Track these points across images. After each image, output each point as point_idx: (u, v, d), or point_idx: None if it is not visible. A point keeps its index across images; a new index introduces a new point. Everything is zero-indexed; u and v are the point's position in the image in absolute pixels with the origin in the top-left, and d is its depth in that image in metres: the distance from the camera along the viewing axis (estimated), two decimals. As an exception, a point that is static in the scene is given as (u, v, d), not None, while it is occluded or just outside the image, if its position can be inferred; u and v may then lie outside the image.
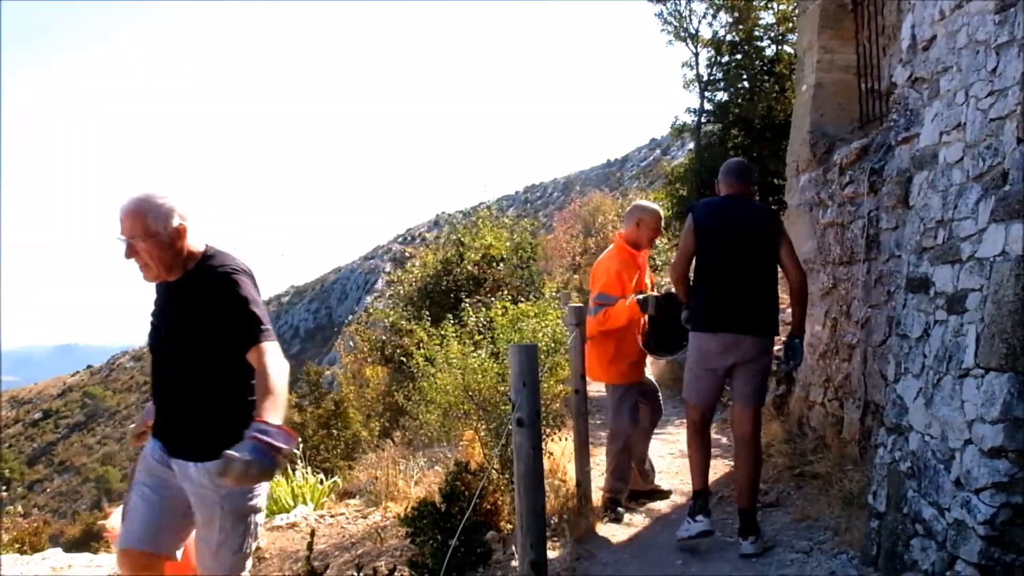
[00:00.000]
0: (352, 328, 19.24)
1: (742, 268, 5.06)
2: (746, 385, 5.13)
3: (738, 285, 5.07)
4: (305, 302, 72.31)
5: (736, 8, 13.50)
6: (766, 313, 5.11)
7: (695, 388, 5.29)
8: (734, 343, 5.07)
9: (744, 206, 5.21)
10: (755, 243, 5.07)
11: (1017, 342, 3.40)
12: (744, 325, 5.06)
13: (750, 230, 5.09)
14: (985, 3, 4.04)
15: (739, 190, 5.27)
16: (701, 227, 5.18)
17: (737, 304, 5.06)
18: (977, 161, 3.92)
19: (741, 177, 5.31)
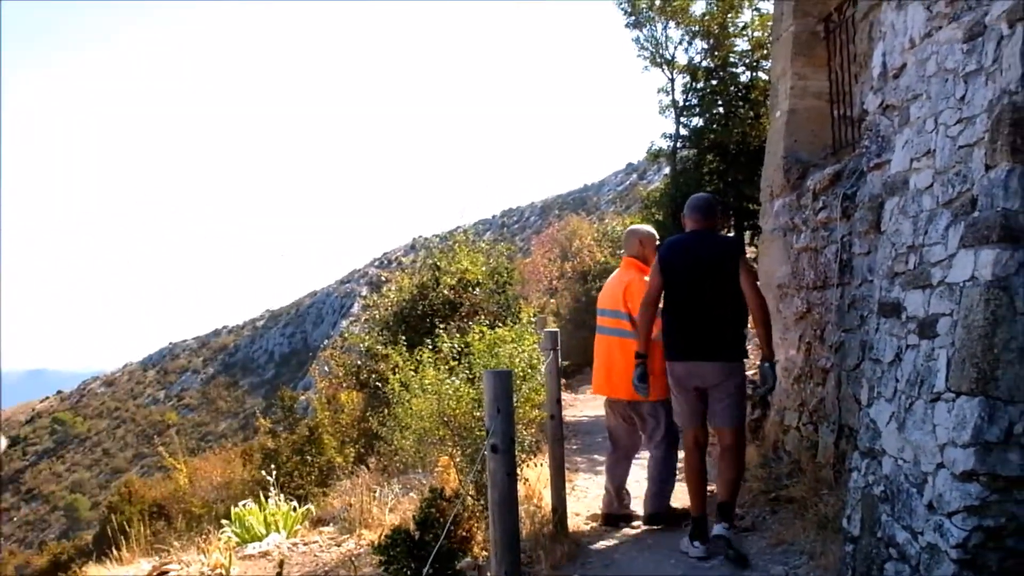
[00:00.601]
0: (327, 353, 19.13)
1: (704, 299, 5.37)
2: (719, 407, 5.44)
3: (701, 315, 5.38)
4: (280, 326, 71.88)
5: (712, 35, 13.62)
6: (728, 340, 5.40)
7: (679, 412, 5.64)
8: (698, 369, 5.41)
9: (707, 240, 5.52)
10: (717, 275, 5.37)
11: (987, 366, 3.43)
12: (707, 352, 5.38)
13: (712, 263, 5.40)
14: (954, 32, 4.10)
15: (703, 225, 5.59)
16: (666, 263, 5.54)
17: (700, 333, 5.38)
18: (947, 187, 3.97)
19: (704, 213, 5.61)
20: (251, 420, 36.84)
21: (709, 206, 5.65)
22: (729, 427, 5.44)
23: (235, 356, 71.29)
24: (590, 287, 17.26)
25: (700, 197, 5.80)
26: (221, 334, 77.25)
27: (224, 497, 11.69)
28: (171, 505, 13.10)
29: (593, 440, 9.95)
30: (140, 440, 59.18)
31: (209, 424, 60.00)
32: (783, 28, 7.89)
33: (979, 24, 3.88)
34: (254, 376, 66.66)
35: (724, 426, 5.45)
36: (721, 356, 5.38)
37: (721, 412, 5.44)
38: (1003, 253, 3.44)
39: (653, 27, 14.33)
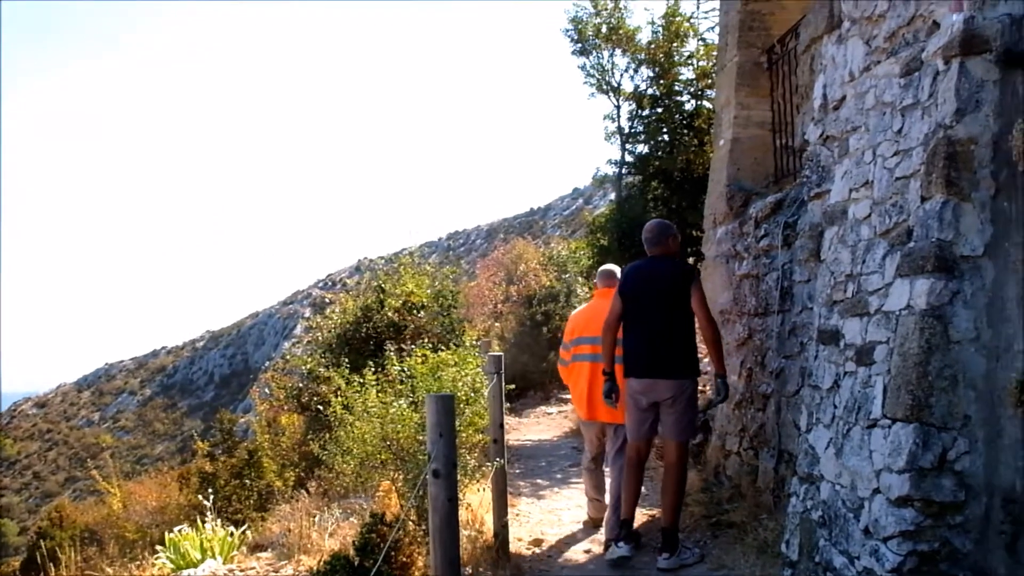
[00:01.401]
0: (268, 375, 18.88)
1: (656, 321, 5.70)
2: (670, 421, 5.76)
3: (653, 336, 5.71)
4: (220, 347, 70.78)
5: (657, 63, 13.78)
6: (679, 359, 5.71)
7: (630, 425, 5.95)
8: (652, 386, 5.73)
9: (660, 266, 5.84)
10: (670, 299, 5.68)
11: (922, 393, 3.49)
12: (659, 370, 5.70)
13: (662, 287, 5.72)
14: (892, 67, 4.21)
15: (657, 252, 5.92)
16: (624, 289, 5.92)
17: (652, 352, 5.71)
18: (884, 218, 4.06)
19: (653, 240, 5.95)
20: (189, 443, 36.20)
21: (660, 233, 5.95)
22: (675, 439, 5.75)
23: (174, 377, 69.96)
24: (535, 311, 17.27)
25: (651, 225, 6.07)
26: (160, 354, 75.78)
27: (159, 522, 11.41)
28: (104, 530, 12.76)
29: (536, 464, 9.94)
30: (73, 463, 57.64)
31: (145, 447, 58.69)
32: (727, 58, 8.02)
33: (916, 59, 3.98)
34: (193, 398, 65.44)
35: (671, 438, 5.77)
36: (675, 373, 5.69)
37: (671, 425, 5.75)
38: (937, 283, 3.52)
39: (600, 55, 14.47)
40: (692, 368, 5.76)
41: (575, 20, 14.41)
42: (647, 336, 5.73)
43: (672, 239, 5.95)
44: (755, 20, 7.73)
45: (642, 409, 5.82)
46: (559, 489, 8.46)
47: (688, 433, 5.83)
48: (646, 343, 5.73)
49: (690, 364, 5.75)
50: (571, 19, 14.45)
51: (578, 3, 14.54)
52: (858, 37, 4.79)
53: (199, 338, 76.49)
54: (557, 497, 8.12)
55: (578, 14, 14.40)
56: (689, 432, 5.85)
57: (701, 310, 5.63)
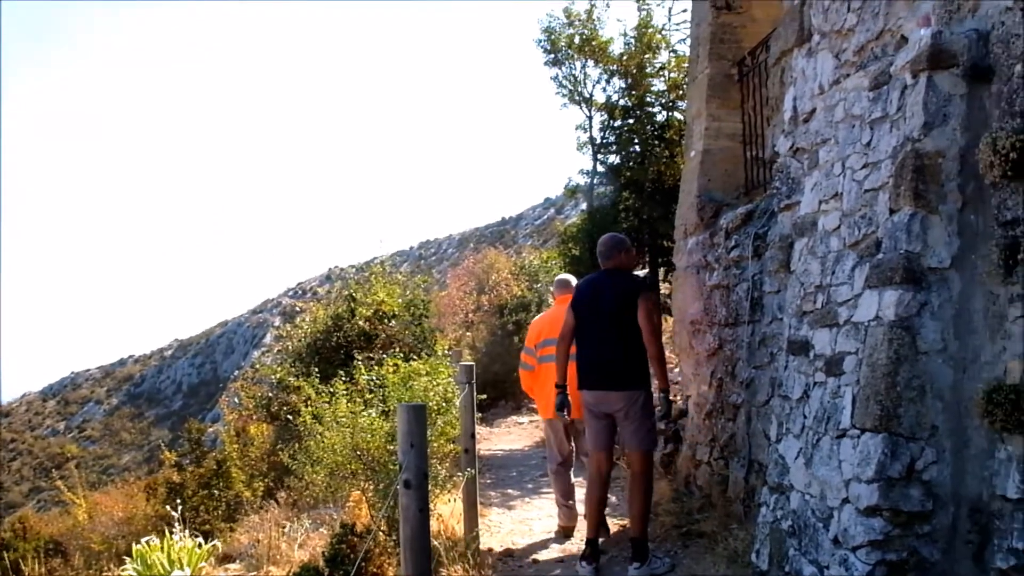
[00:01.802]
0: (237, 384, 18.74)
1: (606, 334, 5.75)
2: (628, 432, 5.76)
3: (603, 349, 5.77)
4: (189, 356, 70.15)
5: (629, 75, 13.86)
6: (628, 371, 5.72)
7: (589, 436, 6.00)
8: (604, 397, 5.77)
9: (612, 279, 5.87)
10: (617, 312, 5.72)
11: (890, 404, 3.53)
12: (608, 382, 5.75)
13: (612, 301, 5.74)
14: (860, 80, 4.26)
15: (611, 265, 5.95)
16: (576, 302, 5.99)
17: (602, 365, 5.77)
18: (853, 230, 4.09)
19: (606, 255, 5.98)
20: (156, 453, 35.75)
21: (612, 247, 5.98)
22: (637, 450, 5.74)
23: (141, 386, 69.21)
24: (506, 320, 17.27)
25: (604, 239, 6.10)
26: (127, 363, 74.95)
27: (126, 533, 11.27)
28: (69, 542, 12.57)
29: (507, 474, 9.92)
30: (37, 473, 56.76)
31: (112, 457, 57.96)
32: (698, 70, 8.08)
33: (884, 73, 4.03)
34: (160, 407, 64.75)
35: (633, 449, 5.76)
36: (624, 385, 5.71)
37: (630, 436, 5.76)
38: (906, 294, 3.56)
39: (572, 65, 14.54)
40: (642, 379, 5.77)
41: (548, 31, 14.47)
42: (597, 349, 5.79)
43: (625, 253, 5.98)
44: (726, 33, 7.79)
45: (598, 419, 5.86)
46: (530, 499, 8.45)
47: (649, 442, 5.83)
48: (596, 356, 5.79)
49: (640, 375, 5.76)
50: (544, 30, 14.52)
51: (551, 14, 14.62)
52: (828, 50, 4.85)
53: (167, 347, 75.76)
54: (528, 507, 8.11)
55: (551, 25, 14.48)
56: (650, 441, 5.84)
57: (646, 323, 5.66)
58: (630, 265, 6.04)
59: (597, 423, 5.87)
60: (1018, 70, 3.30)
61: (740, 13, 7.80)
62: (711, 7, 7.82)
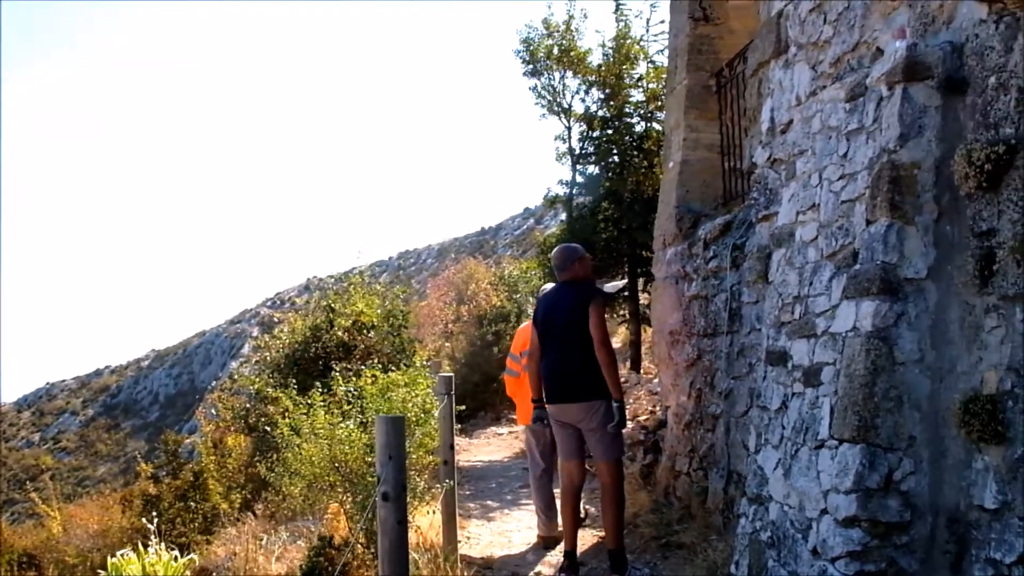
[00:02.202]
0: (215, 395, 18.61)
1: (560, 346, 5.80)
2: (594, 442, 5.79)
3: (559, 361, 5.82)
4: (166, 367, 69.61)
5: (608, 85, 13.89)
6: (585, 382, 5.70)
7: (559, 447, 6.08)
8: (565, 410, 5.83)
9: (564, 292, 5.92)
10: (570, 323, 5.74)
11: (868, 414, 3.54)
12: (566, 395, 5.79)
13: (564, 312, 5.80)
14: (837, 92, 4.28)
15: (566, 277, 5.99)
16: (534, 318, 6.13)
17: (559, 377, 5.81)
18: (830, 240, 4.11)
19: (559, 267, 6.03)
20: (132, 464, 35.42)
21: (565, 259, 6.01)
22: (605, 460, 5.77)
23: (117, 397, 68.60)
24: (486, 331, 17.26)
25: (557, 251, 6.16)
26: (103, 374, 74.30)
27: (101, 546, 11.16)
28: (43, 555, 12.44)
29: (487, 485, 9.89)
30: (11, 486, 56.01)
31: (87, 468, 57.37)
32: (676, 81, 8.11)
33: (860, 85, 4.05)
34: (137, 418, 64.18)
35: (601, 460, 5.81)
36: (582, 396, 5.72)
37: (595, 446, 5.79)
38: (883, 305, 3.58)
39: (551, 76, 14.54)
40: (601, 389, 5.71)
41: (527, 41, 14.47)
42: (555, 361, 5.84)
43: (578, 263, 5.98)
44: (704, 44, 7.83)
45: (563, 428, 5.92)
46: (509, 511, 8.42)
47: (616, 451, 5.84)
48: (555, 368, 5.84)
49: (597, 385, 5.71)
50: (523, 40, 14.51)
51: (530, 25, 14.62)
52: (804, 62, 4.87)
53: (144, 357, 75.19)
54: (507, 519, 8.08)
55: (530, 35, 14.47)
56: (616, 450, 5.84)
57: (596, 332, 5.65)
58: (585, 275, 6.00)
59: (563, 432, 5.93)
60: (992, 82, 3.33)
61: (718, 25, 7.85)
62: (689, 18, 7.86)
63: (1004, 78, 3.27)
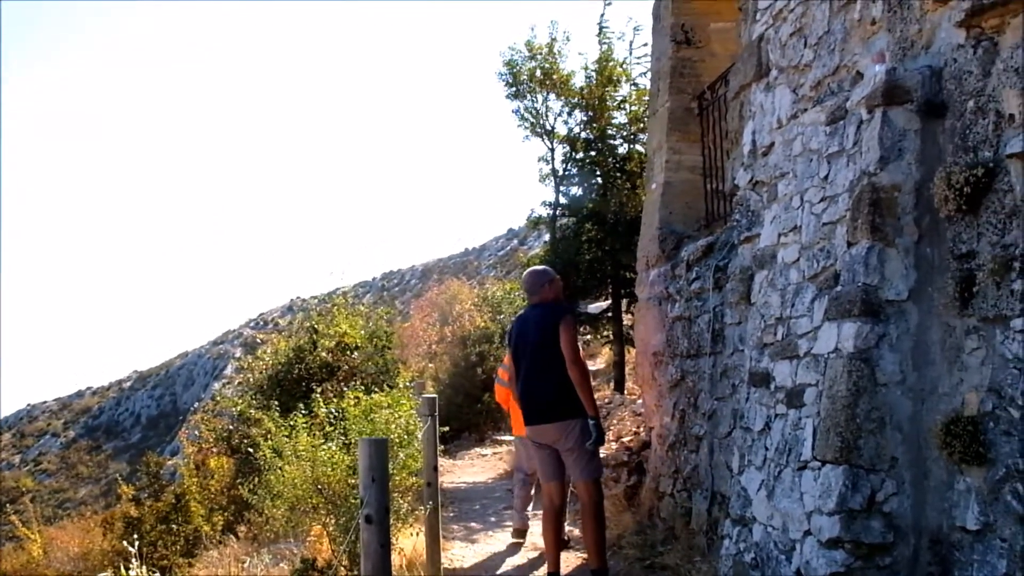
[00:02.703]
0: (198, 417, 18.50)
1: (533, 367, 5.79)
2: (571, 462, 5.74)
3: (533, 382, 5.81)
4: (148, 388, 69.12)
5: (591, 107, 13.96)
6: (558, 402, 5.68)
7: (539, 468, 6.04)
8: (541, 431, 5.80)
9: (536, 313, 5.93)
10: (541, 343, 5.74)
11: (850, 436, 3.55)
12: (541, 415, 5.76)
13: (535, 333, 5.80)
14: (818, 115, 4.32)
15: (536, 300, 6.00)
16: (509, 339, 6.14)
17: (532, 398, 5.81)
18: (812, 262, 4.14)
19: (530, 290, 6.05)
20: (114, 486, 35.13)
21: (534, 282, 6.03)
22: (583, 480, 5.70)
23: (99, 419, 68.02)
24: (469, 352, 17.24)
25: (527, 275, 6.18)
26: (84, 395, 73.70)
27: (82, 569, 11.05)
28: (23, 578, 12.29)
29: (470, 507, 9.85)
30: (-10, 508, 55.45)
31: (68, 490, 56.77)
32: (659, 104, 8.16)
33: (841, 108, 4.09)
34: (119, 440, 63.63)
35: (579, 479, 5.75)
36: (556, 417, 5.68)
37: (573, 466, 5.74)
38: (864, 326, 3.59)
39: (534, 98, 14.61)
40: (574, 409, 5.68)
41: (510, 64, 14.54)
42: (529, 383, 5.84)
43: (548, 285, 5.97)
44: (686, 67, 7.88)
45: (541, 448, 5.89)
46: (493, 532, 8.38)
47: (594, 470, 5.77)
48: (529, 390, 5.84)
49: (571, 405, 5.68)
50: (506, 63, 14.58)
51: (513, 47, 14.69)
52: (785, 85, 4.92)
53: (126, 378, 74.67)
54: (491, 540, 8.04)
55: (513, 58, 14.54)
56: (593, 469, 5.77)
57: (567, 350, 5.63)
58: (556, 297, 5.97)
59: (541, 453, 5.90)
60: (971, 106, 3.37)
61: (699, 48, 7.91)
62: (671, 42, 7.92)
63: (982, 102, 3.31)
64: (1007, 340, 3.06)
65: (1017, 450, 2.98)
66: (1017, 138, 3.07)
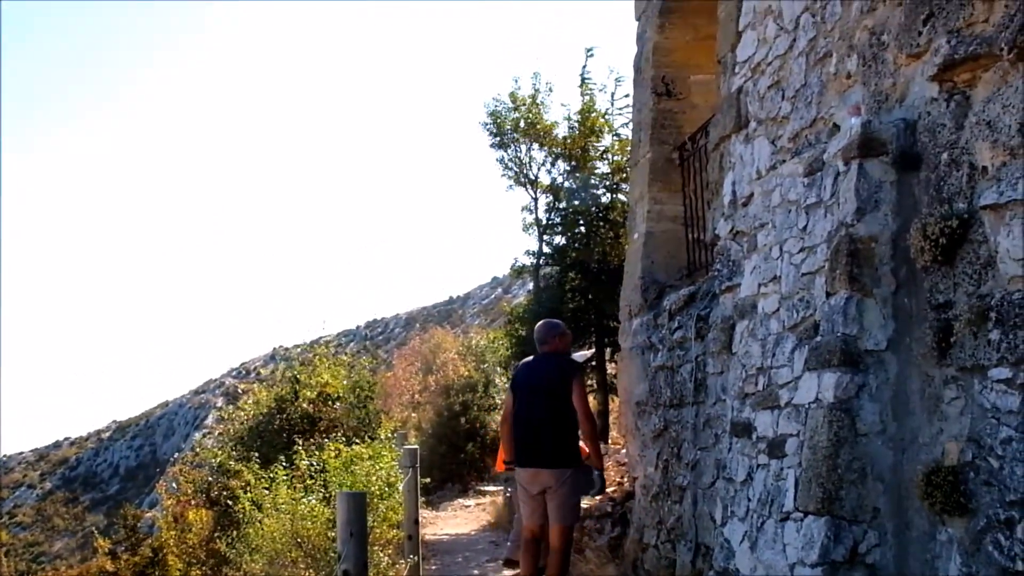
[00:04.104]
0: (176, 468, 18.29)
1: (537, 414, 5.98)
2: (553, 506, 5.94)
3: (535, 427, 5.98)
4: (128, 438, 68.34)
5: (574, 157, 14.09)
6: (559, 450, 5.93)
7: (524, 511, 6.26)
8: (536, 475, 5.98)
9: (545, 362, 6.17)
10: (551, 393, 5.97)
11: (832, 487, 3.53)
12: (540, 460, 5.95)
13: (544, 382, 6.03)
14: (796, 167, 4.37)
15: (544, 350, 6.26)
16: (512, 383, 6.33)
17: (534, 443, 5.98)
18: (792, 312, 4.16)
19: (541, 340, 6.29)
20: (90, 540, 34.57)
21: (547, 333, 6.29)
22: (559, 524, 5.93)
23: (76, 470, 67.12)
24: (453, 401, 17.14)
25: (540, 326, 6.41)
26: (62, 446, 72.81)
27: (55, 625, 10.82)
28: (-6, 635, 12.01)
29: (453, 560, 9.72)
30: (-37, 562, 54.34)
31: (43, 544, 55.80)
32: (640, 154, 8.24)
33: (818, 160, 4.14)
34: (96, 492, 62.75)
35: (555, 522, 5.95)
36: (556, 463, 5.91)
37: (555, 510, 5.94)
38: (844, 376, 3.60)
39: (518, 148, 14.74)
40: (572, 458, 5.98)
41: (494, 114, 14.69)
42: (531, 428, 6.00)
43: (559, 338, 6.26)
44: (667, 118, 7.97)
45: (532, 496, 6.07)
46: (476, 585, 8.28)
47: (571, 518, 6.05)
48: (531, 434, 6.00)
49: (571, 454, 5.98)
50: (490, 113, 14.73)
51: (497, 98, 14.85)
52: (764, 137, 4.98)
53: (105, 428, 73.85)
54: (474, 594, 7.95)
55: (497, 109, 14.70)
56: (571, 517, 6.06)
57: (580, 405, 5.93)
58: (565, 349, 6.33)
59: (531, 500, 6.07)
60: (944, 158, 3.41)
61: (680, 99, 8.00)
62: (652, 94, 8.02)
63: (956, 154, 3.36)
64: (985, 390, 3.07)
65: (998, 500, 2.98)
66: (991, 190, 3.11)
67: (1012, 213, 3.01)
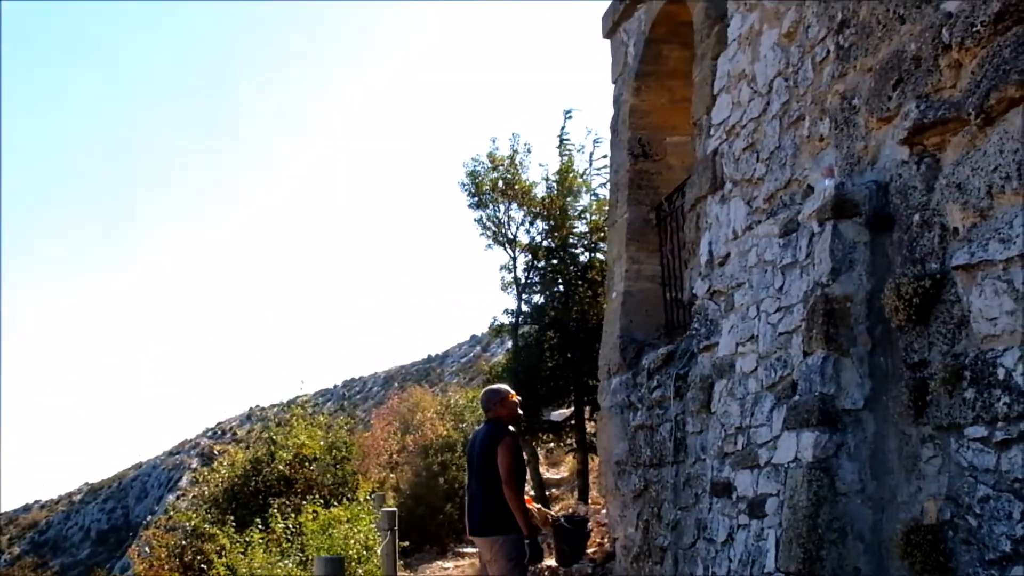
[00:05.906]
0: (149, 532, 17.96)
1: (475, 482, 6.02)
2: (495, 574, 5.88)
3: (474, 495, 6.01)
4: (99, 501, 67.06)
5: (552, 217, 14.17)
6: (487, 517, 5.87)
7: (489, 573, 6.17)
8: (479, 542, 5.99)
9: (484, 431, 6.15)
10: (482, 461, 5.93)
11: (812, 547, 3.53)
12: (476, 528, 5.96)
13: (480, 450, 6.00)
14: (771, 227, 4.43)
15: (490, 416, 6.17)
16: (466, 452, 6.34)
17: (471, 512, 6.02)
18: (770, 372, 4.18)
19: (485, 407, 6.24)
20: (59, 606, 33.69)
21: (488, 400, 6.23)
22: None
23: (46, 534, 65.65)
24: (432, 461, 16.96)
25: (482, 395, 6.38)
26: (32, 509, 71.36)
27: None
28: None
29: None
30: (-74, 633, 52.79)
31: (10, 612, 54.34)
32: (618, 214, 8.31)
33: (793, 221, 4.20)
34: (67, 556, 61.25)
35: None
36: (491, 531, 5.86)
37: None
38: (822, 436, 3.62)
39: (496, 208, 14.82)
40: (503, 525, 5.85)
41: (472, 174, 14.79)
42: (470, 497, 6.10)
43: (500, 404, 6.13)
44: (643, 179, 8.07)
45: (485, 563, 6.08)
46: (455, 650, 8.14)
47: None
48: (470, 503, 6.08)
49: (502, 521, 5.85)
50: (468, 173, 14.83)
51: (476, 159, 14.96)
52: (740, 198, 5.05)
53: (76, 491, 72.55)
54: (453, 659, 7.81)
55: (475, 169, 14.80)
56: None
57: (502, 470, 5.79)
58: (509, 415, 6.14)
59: (485, 568, 6.09)
60: (916, 219, 3.48)
61: (656, 161, 8.11)
62: (629, 155, 8.12)
63: (927, 215, 3.42)
64: (962, 448, 3.09)
65: (977, 559, 2.98)
66: (962, 251, 3.17)
67: (983, 273, 3.07)
